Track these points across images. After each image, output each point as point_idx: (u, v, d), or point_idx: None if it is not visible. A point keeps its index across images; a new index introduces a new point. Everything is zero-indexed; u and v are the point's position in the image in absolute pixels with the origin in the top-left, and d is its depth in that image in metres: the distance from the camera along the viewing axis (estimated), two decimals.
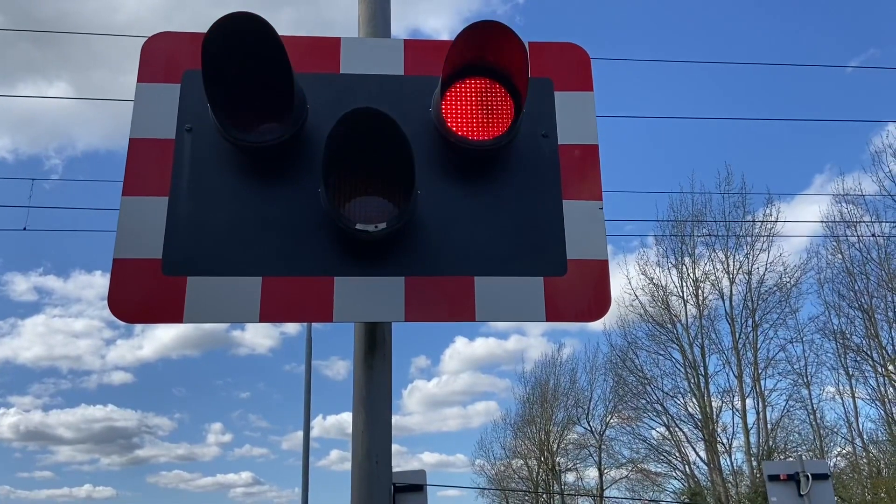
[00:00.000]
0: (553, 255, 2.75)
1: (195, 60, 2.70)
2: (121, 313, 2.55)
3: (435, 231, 2.72)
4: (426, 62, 2.96)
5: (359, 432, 2.67)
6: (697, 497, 28.72)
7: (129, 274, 2.59)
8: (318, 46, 2.96)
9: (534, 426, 38.04)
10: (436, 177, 2.78)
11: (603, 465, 35.04)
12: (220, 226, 2.65)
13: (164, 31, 2.93)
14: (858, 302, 26.70)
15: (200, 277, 2.59)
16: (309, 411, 18.14)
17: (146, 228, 2.64)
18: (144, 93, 2.84)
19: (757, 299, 28.43)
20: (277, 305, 2.57)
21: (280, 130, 2.66)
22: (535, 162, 2.87)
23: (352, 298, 2.60)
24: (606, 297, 2.74)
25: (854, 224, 26.88)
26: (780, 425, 27.93)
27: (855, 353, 26.96)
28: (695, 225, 29.64)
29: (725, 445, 28.44)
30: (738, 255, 28.96)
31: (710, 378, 28.72)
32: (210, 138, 2.75)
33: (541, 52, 3.04)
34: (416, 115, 2.83)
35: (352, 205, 2.67)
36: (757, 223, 28.83)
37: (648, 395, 30.71)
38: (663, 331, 29.98)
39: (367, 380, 2.73)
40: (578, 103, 2.99)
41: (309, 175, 2.71)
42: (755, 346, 28.22)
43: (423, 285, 2.64)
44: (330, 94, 2.86)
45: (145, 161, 2.73)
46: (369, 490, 2.61)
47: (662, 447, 30.87)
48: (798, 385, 28.07)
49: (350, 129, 2.51)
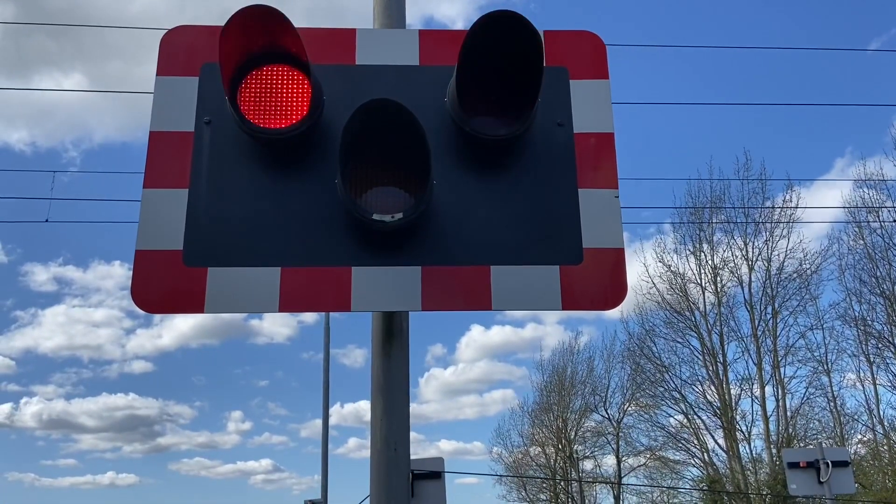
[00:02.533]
0: (569, 243, 2.76)
1: (213, 53, 2.73)
2: (143, 304, 2.60)
3: (451, 221, 2.74)
4: (441, 52, 2.96)
5: (377, 420, 2.71)
6: (716, 485, 28.65)
7: (151, 265, 2.63)
8: (334, 38, 2.97)
9: (551, 414, 38.07)
10: (452, 167, 2.80)
11: (621, 452, 35.07)
12: (240, 217, 2.69)
13: (183, 25, 2.96)
14: (880, 288, 26.43)
15: (221, 268, 2.63)
16: (328, 399, 18.31)
17: (167, 220, 2.68)
18: (164, 86, 2.87)
19: (776, 286, 28.22)
20: (296, 295, 2.61)
21: (297, 122, 2.69)
22: (551, 151, 2.87)
23: (369, 288, 2.63)
24: (623, 285, 2.75)
25: (876, 210, 26.55)
26: (799, 413, 27.80)
27: (876, 340, 26.71)
28: (713, 211, 29.42)
29: (744, 433, 28.35)
30: (758, 241, 28.75)
31: (728, 366, 28.60)
32: (228, 131, 2.78)
33: (556, 41, 3.04)
34: (432, 106, 2.84)
35: (368, 195, 2.70)
36: (776, 209, 28.57)
37: (666, 383, 30.65)
38: (681, 318, 29.86)
39: (384, 368, 2.76)
40: (594, 91, 2.98)
41: (326, 166, 2.74)
42: (774, 334, 28.03)
43: (440, 275, 2.66)
44: (346, 86, 2.88)
45: (165, 154, 2.77)
46: (388, 477, 2.65)
47: (681, 435, 30.83)
48: (818, 372, 27.89)
49: (366, 120, 2.53)
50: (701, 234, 29.68)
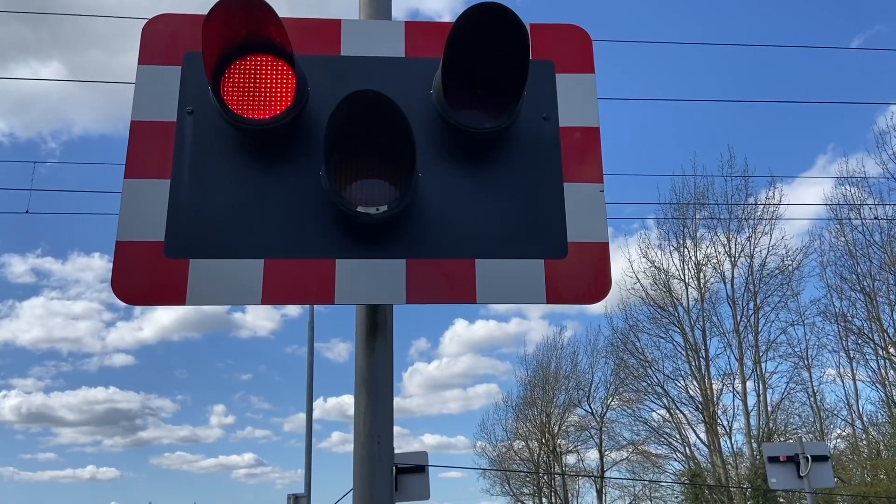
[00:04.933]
0: (554, 237, 2.76)
1: (196, 42, 2.69)
2: (124, 295, 2.57)
3: (436, 214, 2.73)
4: (427, 44, 2.95)
5: (361, 414, 2.70)
6: (697, 478, 28.91)
7: (132, 256, 2.60)
8: (319, 28, 2.95)
9: (535, 408, 38.24)
10: (437, 159, 2.79)
11: (604, 446, 35.31)
12: (222, 208, 2.66)
13: (165, 13, 2.92)
14: (861, 285, 26.76)
15: (203, 260, 2.60)
16: (311, 393, 18.27)
17: (149, 211, 2.65)
18: (145, 75, 2.83)
19: (759, 282, 28.47)
20: (279, 287, 2.59)
21: (281, 113, 2.67)
22: (536, 144, 2.87)
23: (353, 281, 2.61)
24: (607, 279, 2.75)
25: (857, 207, 26.85)
26: (780, 407, 28.09)
27: (856, 336, 27.07)
28: (697, 208, 29.60)
29: (726, 427, 28.61)
30: (740, 237, 28.98)
31: (710, 361, 28.84)
32: (211, 121, 2.75)
33: (542, 34, 3.03)
34: (417, 98, 2.83)
35: (353, 187, 2.68)
36: (759, 206, 28.80)
37: (649, 378, 30.85)
38: (664, 313, 30.05)
39: (368, 361, 2.75)
40: (580, 85, 2.98)
41: (310, 158, 2.72)
42: (756, 329, 28.29)
43: (425, 268, 2.65)
44: (331, 77, 2.85)
45: (147, 143, 2.74)
46: (371, 470, 2.64)
47: (663, 429, 31.05)
48: (799, 367, 28.21)
49: (351, 111, 2.51)
50: (685, 231, 29.90)
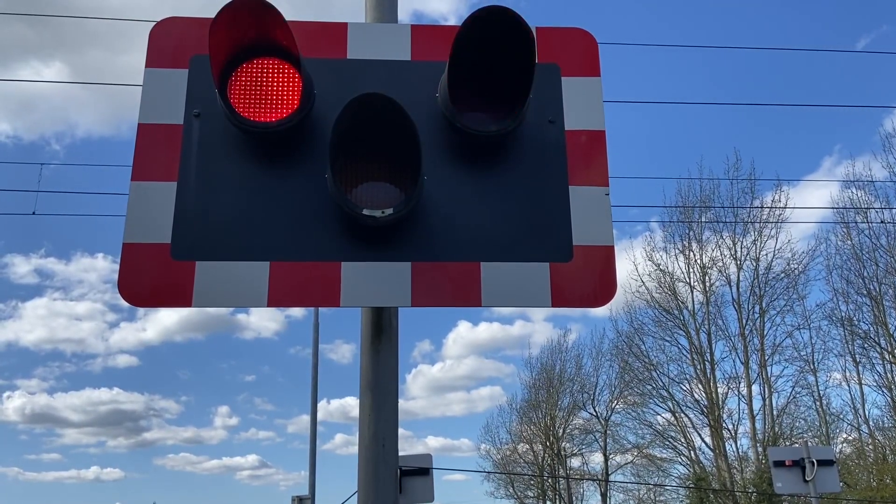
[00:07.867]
0: (559, 240, 2.76)
1: (203, 45, 2.71)
2: (131, 297, 2.58)
3: (441, 217, 2.73)
4: (433, 48, 2.95)
5: (366, 415, 2.70)
6: (702, 482, 28.83)
7: (139, 258, 2.61)
8: (325, 31, 2.96)
9: (539, 411, 38.17)
10: (442, 162, 2.79)
11: (608, 450, 35.21)
12: (229, 210, 2.67)
13: (172, 17, 2.93)
14: (867, 288, 26.67)
15: (209, 262, 2.61)
16: (316, 395, 18.28)
17: (155, 213, 2.66)
18: (152, 78, 2.85)
19: (764, 285, 28.42)
20: (285, 290, 2.60)
21: (288, 116, 2.68)
22: (542, 148, 2.87)
23: (359, 283, 2.62)
24: (612, 282, 2.75)
25: (864, 210, 26.76)
26: (785, 411, 28.03)
27: (862, 340, 26.97)
28: (702, 210, 29.55)
29: (731, 431, 28.55)
30: (746, 240, 28.91)
31: (716, 364, 28.78)
32: (218, 123, 2.76)
33: (547, 38, 3.03)
34: (423, 101, 2.83)
35: (359, 190, 2.69)
36: (765, 209, 28.74)
37: (654, 381, 30.81)
38: (670, 317, 30.03)
39: (374, 364, 2.76)
40: (585, 89, 2.98)
41: (316, 160, 2.72)
42: (762, 333, 28.23)
43: (430, 270, 2.66)
44: (337, 80, 2.86)
45: (154, 146, 2.75)
46: (376, 472, 2.64)
47: (668, 433, 31.01)
48: (804, 371, 28.13)
49: (357, 114, 2.52)
50: (690, 233, 29.87)
